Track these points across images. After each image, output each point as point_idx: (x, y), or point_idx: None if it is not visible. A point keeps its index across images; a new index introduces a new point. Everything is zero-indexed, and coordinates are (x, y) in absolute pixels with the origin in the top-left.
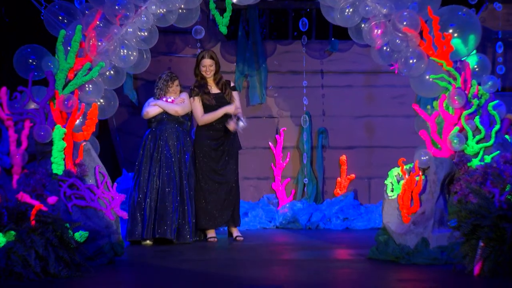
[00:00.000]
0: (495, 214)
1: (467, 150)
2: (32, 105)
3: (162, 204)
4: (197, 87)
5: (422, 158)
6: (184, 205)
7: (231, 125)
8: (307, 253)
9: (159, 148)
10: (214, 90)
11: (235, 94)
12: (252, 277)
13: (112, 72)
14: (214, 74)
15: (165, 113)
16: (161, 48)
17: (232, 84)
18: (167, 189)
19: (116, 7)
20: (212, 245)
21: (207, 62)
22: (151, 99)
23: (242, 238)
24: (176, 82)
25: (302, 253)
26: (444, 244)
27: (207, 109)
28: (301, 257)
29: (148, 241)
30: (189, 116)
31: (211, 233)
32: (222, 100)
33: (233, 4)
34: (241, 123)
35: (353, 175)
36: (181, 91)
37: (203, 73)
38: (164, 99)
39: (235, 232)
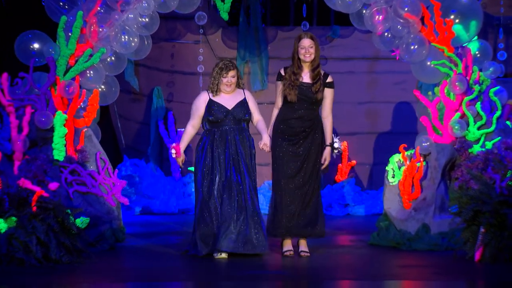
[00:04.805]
0: (496, 200)
1: (468, 136)
2: (33, 91)
3: (227, 211)
4: (287, 73)
5: (423, 144)
6: (251, 210)
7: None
8: (308, 239)
9: (219, 150)
10: (306, 78)
11: (328, 92)
12: (253, 263)
13: (113, 58)
14: (313, 60)
15: (225, 113)
16: (162, 34)
17: (329, 79)
18: (230, 195)
19: None
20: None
21: (306, 42)
22: (202, 92)
23: (307, 254)
24: (232, 73)
25: None
26: (445, 230)
27: (287, 101)
28: None
29: (223, 254)
30: (249, 114)
31: (287, 245)
32: (307, 93)
33: None
34: (336, 144)
35: (354, 161)
36: (239, 84)
37: (302, 56)
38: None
39: (302, 245)
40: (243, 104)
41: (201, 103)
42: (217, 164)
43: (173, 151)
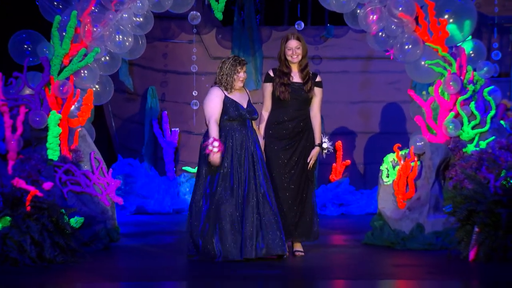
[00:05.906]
0: (490, 200)
1: (463, 136)
2: (27, 91)
3: (248, 215)
4: (276, 74)
5: (418, 144)
6: (268, 210)
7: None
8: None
9: (237, 152)
10: (296, 78)
11: (317, 90)
12: (249, 264)
13: (107, 57)
14: (301, 60)
15: (239, 111)
16: (156, 33)
17: (318, 79)
18: (249, 197)
19: None
20: None
21: (293, 43)
22: (216, 89)
23: (302, 254)
24: (245, 68)
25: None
26: (439, 230)
27: (278, 103)
28: None
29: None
30: (257, 112)
31: None
32: (299, 92)
33: None
34: (325, 145)
35: (348, 161)
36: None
37: (289, 58)
38: (210, 145)
39: (296, 245)
40: (250, 102)
41: (218, 99)
42: (237, 165)
43: (216, 143)
